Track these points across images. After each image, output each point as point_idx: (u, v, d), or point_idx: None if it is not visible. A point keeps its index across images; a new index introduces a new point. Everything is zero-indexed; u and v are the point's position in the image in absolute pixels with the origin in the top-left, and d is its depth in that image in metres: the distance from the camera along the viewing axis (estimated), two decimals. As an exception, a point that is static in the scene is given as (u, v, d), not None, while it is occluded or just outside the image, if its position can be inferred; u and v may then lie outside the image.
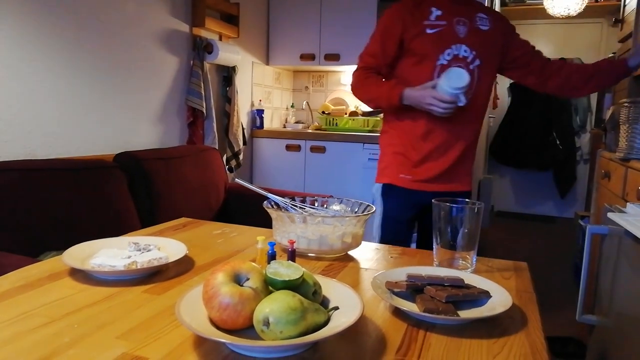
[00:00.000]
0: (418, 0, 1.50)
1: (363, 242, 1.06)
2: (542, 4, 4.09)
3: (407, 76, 1.51)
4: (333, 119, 3.44)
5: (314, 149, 3.15)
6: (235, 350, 0.58)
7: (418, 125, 1.50)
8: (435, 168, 1.52)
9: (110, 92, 2.12)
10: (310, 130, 3.37)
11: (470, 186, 1.61)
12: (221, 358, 0.57)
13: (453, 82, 1.33)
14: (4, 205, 1.44)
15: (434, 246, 0.95)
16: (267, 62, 3.49)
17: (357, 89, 1.58)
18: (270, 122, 3.60)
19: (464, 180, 1.59)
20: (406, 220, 1.58)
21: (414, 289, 0.75)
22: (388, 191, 1.57)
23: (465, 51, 1.47)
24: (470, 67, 1.47)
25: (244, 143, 3.09)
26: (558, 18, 4.17)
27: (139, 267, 0.82)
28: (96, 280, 0.81)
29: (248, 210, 1.13)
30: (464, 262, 0.92)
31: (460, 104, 1.37)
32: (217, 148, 2.66)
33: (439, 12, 1.48)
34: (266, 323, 0.56)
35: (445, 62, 1.47)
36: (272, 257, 0.83)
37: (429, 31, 1.46)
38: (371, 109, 3.16)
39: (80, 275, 0.83)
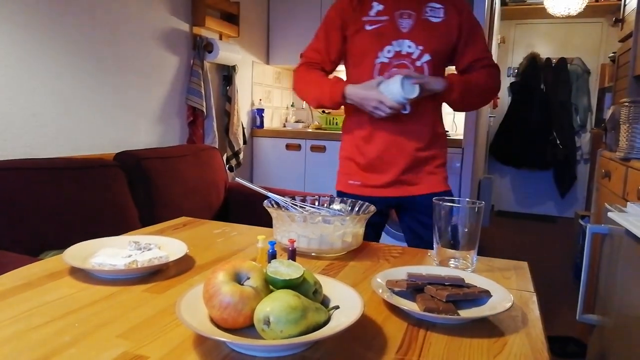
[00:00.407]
0: None
1: (363, 242, 1.06)
2: (543, 4, 4.09)
3: (350, 76, 1.45)
4: (333, 118, 3.44)
5: (314, 148, 3.15)
6: (236, 349, 0.58)
7: (363, 127, 1.42)
8: (390, 172, 1.42)
9: (110, 91, 2.12)
10: (310, 130, 3.37)
11: (444, 186, 1.46)
12: (222, 357, 0.57)
13: (407, 91, 1.26)
14: (4, 204, 1.44)
15: (434, 245, 0.95)
16: (268, 62, 3.49)
17: (299, 87, 1.49)
18: (271, 121, 3.60)
19: (432, 180, 1.44)
20: None
21: (414, 288, 0.75)
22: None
23: (409, 47, 1.35)
24: (418, 64, 1.36)
25: (244, 142, 3.09)
26: (558, 18, 4.17)
27: (139, 266, 0.82)
28: (97, 279, 0.81)
29: (248, 209, 1.13)
30: (464, 261, 0.92)
31: (405, 112, 1.31)
32: (217, 147, 2.66)
33: (380, 7, 1.36)
34: (267, 322, 0.56)
35: (385, 60, 1.36)
36: (272, 256, 0.83)
37: (367, 28, 1.36)
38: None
39: (81, 274, 0.83)
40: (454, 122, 3.47)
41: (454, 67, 1.48)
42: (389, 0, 1.37)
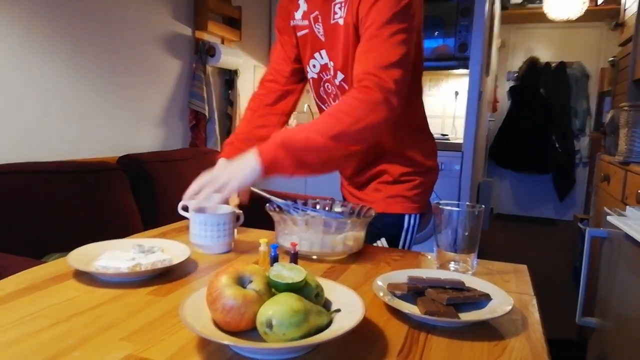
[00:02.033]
0: None
1: (364, 245, 1.06)
2: (542, 8, 4.11)
3: None
4: (334, 122, 3.44)
5: (314, 152, 3.15)
6: (239, 352, 0.59)
7: None
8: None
9: (113, 95, 2.13)
10: (311, 133, 3.37)
11: (391, 208, 1.17)
12: (225, 360, 0.58)
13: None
14: (9, 208, 1.45)
15: (434, 249, 0.95)
16: (269, 65, 3.50)
17: None
18: (271, 124, 3.60)
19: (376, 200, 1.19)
20: None
21: (415, 291, 0.76)
22: None
23: (327, 58, 1.09)
24: (337, 82, 1.09)
25: (245, 146, 3.10)
26: (558, 22, 4.19)
27: (143, 269, 0.82)
28: (100, 282, 0.82)
29: (250, 212, 1.13)
30: (464, 264, 0.93)
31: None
32: (219, 151, 2.67)
33: (305, 7, 1.08)
34: (269, 325, 0.57)
35: (314, 76, 1.12)
36: (274, 259, 0.83)
37: (298, 34, 1.11)
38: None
39: (85, 277, 0.84)
40: (453, 125, 3.48)
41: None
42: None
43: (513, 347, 0.64)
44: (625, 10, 2.69)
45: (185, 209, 1.05)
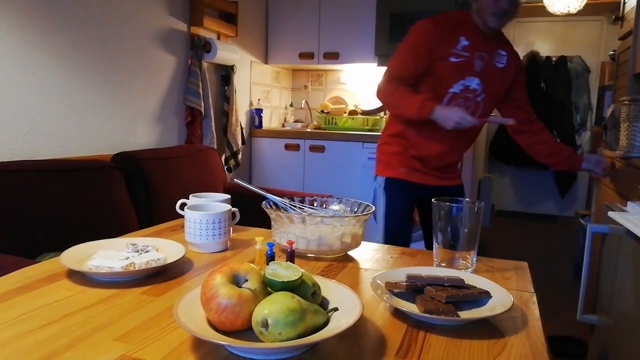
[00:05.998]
0: (451, 24, 1.54)
1: (362, 242, 1.05)
2: (542, 2, 4.08)
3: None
4: (332, 118, 3.44)
5: (313, 148, 3.15)
6: (234, 352, 0.58)
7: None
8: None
9: (107, 92, 2.11)
10: (309, 130, 3.37)
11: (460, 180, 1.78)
12: (219, 360, 0.57)
13: None
14: (2, 206, 1.44)
15: (434, 246, 0.94)
16: (266, 61, 3.49)
17: (387, 96, 1.60)
18: (269, 121, 3.59)
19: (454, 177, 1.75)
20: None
21: (413, 289, 0.75)
22: None
23: (477, 84, 1.55)
24: (478, 99, 1.57)
25: (243, 142, 3.09)
26: (558, 16, 4.16)
27: (136, 268, 0.81)
28: (94, 281, 0.81)
29: (246, 210, 1.12)
30: (464, 262, 0.92)
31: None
32: (215, 148, 2.65)
33: (465, 43, 1.52)
34: (265, 325, 0.56)
35: (457, 91, 1.54)
36: (270, 257, 0.82)
37: (452, 59, 1.52)
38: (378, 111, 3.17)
39: (78, 276, 0.83)
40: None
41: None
42: (474, 39, 1.53)
43: (512, 345, 0.63)
44: (624, 3, 2.67)
45: (183, 207, 1.04)
